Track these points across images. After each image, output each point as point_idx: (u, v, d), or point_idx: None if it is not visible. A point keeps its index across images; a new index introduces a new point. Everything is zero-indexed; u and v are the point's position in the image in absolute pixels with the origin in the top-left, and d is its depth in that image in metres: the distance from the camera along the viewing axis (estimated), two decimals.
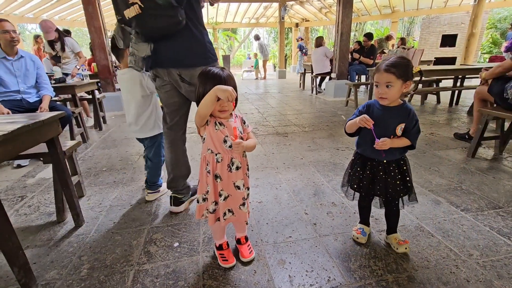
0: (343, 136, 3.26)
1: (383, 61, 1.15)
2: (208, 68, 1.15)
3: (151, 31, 1.42)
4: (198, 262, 1.33)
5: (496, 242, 1.40)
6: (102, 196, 2.01)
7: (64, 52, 3.87)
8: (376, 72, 1.16)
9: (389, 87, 1.13)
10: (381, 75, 1.13)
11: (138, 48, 1.49)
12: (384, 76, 1.12)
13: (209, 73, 1.12)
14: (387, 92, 1.13)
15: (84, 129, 3.32)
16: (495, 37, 13.72)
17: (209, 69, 1.14)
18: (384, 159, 1.24)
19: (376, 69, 1.17)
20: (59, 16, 8.96)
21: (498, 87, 2.45)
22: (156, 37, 1.46)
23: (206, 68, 1.15)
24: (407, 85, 1.14)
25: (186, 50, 1.49)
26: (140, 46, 1.48)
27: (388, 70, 1.11)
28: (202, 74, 1.14)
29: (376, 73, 1.15)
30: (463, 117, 4.02)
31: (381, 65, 1.14)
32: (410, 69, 1.13)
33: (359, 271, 1.25)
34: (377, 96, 1.18)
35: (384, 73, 1.12)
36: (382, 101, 1.18)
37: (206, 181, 1.18)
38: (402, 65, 1.11)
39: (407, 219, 1.61)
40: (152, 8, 1.33)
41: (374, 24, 18.68)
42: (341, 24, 5.46)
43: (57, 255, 1.40)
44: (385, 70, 1.12)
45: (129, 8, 1.33)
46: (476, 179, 2.10)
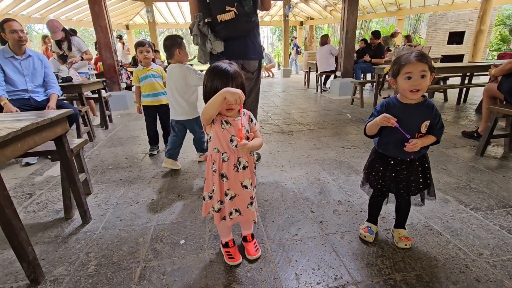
0: (348, 135, 3.24)
1: (406, 54, 1.11)
2: (216, 64, 1.11)
3: (238, 32, 1.91)
4: (204, 259, 1.33)
5: (506, 242, 1.38)
6: (109, 193, 2.03)
7: (70, 52, 3.91)
8: (406, 63, 1.09)
9: (424, 78, 1.09)
10: (414, 65, 1.08)
11: (215, 46, 1.94)
12: (418, 65, 1.07)
13: (217, 68, 1.09)
14: (421, 83, 1.09)
15: (91, 127, 3.35)
16: (503, 34, 13.47)
17: (217, 65, 1.10)
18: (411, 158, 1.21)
19: (403, 61, 1.10)
20: (65, 16, 9.05)
21: (508, 83, 2.41)
22: (235, 37, 1.94)
23: (215, 63, 1.12)
24: (431, 77, 1.11)
25: (249, 48, 2.02)
26: (217, 44, 1.93)
27: (421, 60, 1.07)
28: (211, 69, 1.11)
29: (407, 64, 1.09)
30: (471, 115, 3.96)
31: (409, 57, 1.09)
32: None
33: (367, 269, 1.24)
34: (410, 88, 1.11)
35: (418, 62, 1.07)
36: (414, 95, 1.12)
37: (212, 179, 1.17)
38: (428, 57, 1.09)
39: (415, 218, 1.59)
40: (243, 15, 1.85)
41: (380, 22, 18.49)
42: (346, 22, 5.41)
43: (65, 252, 1.42)
44: (418, 60, 1.07)
45: (225, 13, 1.80)
46: (485, 177, 2.06)
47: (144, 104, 2.68)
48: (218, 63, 1.12)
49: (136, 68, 2.63)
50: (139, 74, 2.59)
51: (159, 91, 2.65)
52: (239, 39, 1.98)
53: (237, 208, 1.20)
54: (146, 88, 2.61)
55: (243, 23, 1.89)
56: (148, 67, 2.60)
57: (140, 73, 2.59)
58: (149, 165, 2.55)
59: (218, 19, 1.85)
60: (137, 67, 2.63)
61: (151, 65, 2.62)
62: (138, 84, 2.62)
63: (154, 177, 2.28)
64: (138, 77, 2.59)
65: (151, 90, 2.61)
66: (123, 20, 11.37)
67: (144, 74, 2.58)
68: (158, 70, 2.65)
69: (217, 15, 1.84)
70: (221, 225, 1.28)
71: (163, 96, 2.68)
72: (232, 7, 1.81)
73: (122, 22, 11.54)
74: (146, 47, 2.53)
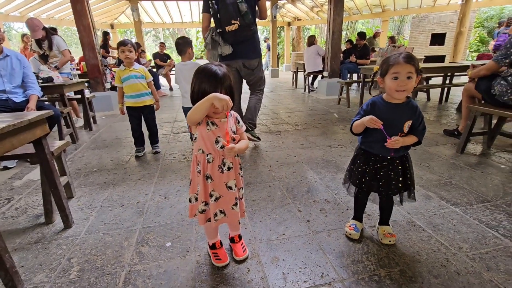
0: (335, 134, 3.28)
1: (395, 55, 1.13)
2: (205, 65, 1.09)
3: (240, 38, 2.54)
4: (191, 261, 1.32)
5: (484, 235, 1.43)
6: (93, 197, 1.97)
7: (51, 51, 3.78)
8: (394, 64, 1.12)
9: (410, 79, 1.12)
10: (401, 66, 1.11)
11: (224, 49, 2.59)
12: (405, 67, 1.10)
13: (206, 70, 1.07)
14: (407, 84, 1.12)
15: (74, 129, 3.25)
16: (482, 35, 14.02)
17: (207, 66, 1.08)
18: (392, 156, 1.24)
19: (392, 61, 1.13)
20: (46, 14, 8.76)
21: (485, 84, 2.50)
22: (238, 42, 2.57)
23: (204, 65, 1.10)
24: (418, 79, 1.14)
25: (250, 49, 2.66)
26: (226, 48, 2.58)
27: (409, 61, 1.10)
28: (199, 71, 1.08)
29: (395, 65, 1.12)
30: (452, 114, 4.09)
31: (398, 58, 1.12)
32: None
33: (352, 266, 1.26)
34: (396, 88, 1.14)
35: (405, 64, 1.10)
36: (400, 95, 1.15)
37: (197, 181, 1.16)
38: (416, 59, 1.12)
39: (399, 214, 1.63)
40: (244, 26, 2.48)
41: (365, 23, 18.86)
42: (332, 23, 5.48)
43: (46, 258, 1.37)
44: (406, 61, 1.10)
45: (232, 25, 2.44)
46: (465, 174, 2.13)
47: (127, 105, 2.62)
48: (207, 64, 1.10)
49: (118, 69, 2.57)
50: (121, 75, 2.53)
51: (143, 92, 2.60)
52: (242, 43, 2.61)
53: (222, 209, 1.18)
54: (129, 89, 2.55)
55: (244, 32, 2.54)
56: (130, 67, 2.54)
57: (122, 73, 2.53)
58: (135, 167, 2.50)
59: (226, 30, 2.50)
60: (119, 67, 2.58)
61: (133, 65, 2.56)
62: (121, 85, 2.56)
63: (140, 179, 2.24)
64: (121, 78, 2.53)
65: (134, 91, 2.56)
66: (108, 19, 11.11)
67: (126, 74, 2.52)
68: (141, 71, 2.59)
69: (226, 27, 2.50)
70: (207, 227, 1.27)
71: (147, 97, 2.64)
72: (236, 20, 2.45)
73: (106, 21, 11.27)
74: (128, 47, 2.48)
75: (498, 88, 2.35)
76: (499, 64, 2.32)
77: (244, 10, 2.43)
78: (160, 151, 2.85)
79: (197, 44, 14.89)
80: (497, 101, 2.38)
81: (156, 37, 24.54)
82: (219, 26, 2.53)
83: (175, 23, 12.65)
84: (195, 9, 11.33)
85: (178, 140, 3.23)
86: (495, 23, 14.04)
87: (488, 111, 2.38)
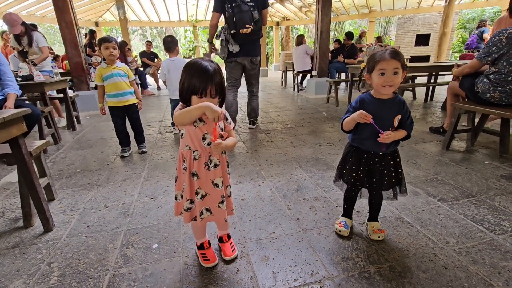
0: (324, 132, 3.29)
1: (381, 51, 1.14)
2: (195, 60, 1.04)
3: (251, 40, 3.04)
4: (178, 263, 1.28)
5: (470, 229, 1.46)
6: (75, 199, 1.90)
7: (31, 48, 3.63)
8: (380, 60, 1.13)
9: (396, 74, 1.12)
10: (387, 62, 1.11)
11: (234, 47, 3.02)
12: (392, 62, 1.11)
13: (197, 65, 1.01)
14: (394, 80, 1.12)
15: (56, 129, 3.13)
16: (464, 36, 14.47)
17: (197, 61, 1.03)
18: (383, 152, 1.24)
19: (378, 58, 1.14)
20: (27, 11, 8.45)
21: (468, 82, 2.56)
22: (248, 42, 3.05)
23: (194, 60, 1.04)
24: (403, 74, 1.15)
25: (256, 49, 3.19)
26: (235, 46, 3.02)
27: (394, 57, 1.10)
28: (190, 65, 1.03)
29: (381, 61, 1.12)
30: (438, 112, 4.19)
31: (384, 54, 1.12)
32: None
33: (342, 263, 1.25)
34: (383, 84, 1.14)
35: (391, 60, 1.10)
36: (387, 90, 1.15)
37: (182, 178, 1.13)
38: (401, 55, 1.13)
39: (387, 211, 1.64)
40: (255, 31, 2.97)
41: (353, 23, 19.14)
42: (320, 23, 5.52)
43: (24, 263, 1.30)
44: (392, 57, 1.11)
45: (246, 28, 2.88)
46: (451, 170, 2.18)
47: (110, 105, 2.53)
48: (197, 59, 1.04)
49: (100, 66, 2.47)
50: (102, 73, 2.43)
51: (126, 91, 2.52)
52: (250, 44, 3.11)
53: (208, 208, 1.15)
54: (111, 88, 2.46)
55: (255, 35, 3.04)
56: (113, 65, 2.46)
57: (104, 71, 2.44)
58: (120, 167, 2.43)
59: (241, 32, 2.93)
60: (100, 65, 2.48)
61: (116, 63, 2.48)
62: (102, 83, 2.46)
63: (126, 180, 2.17)
64: (102, 76, 2.44)
65: (116, 89, 2.47)
66: (92, 16, 10.81)
67: (108, 72, 2.43)
68: (124, 69, 2.51)
69: (240, 29, 2.92)
70: (194, 226, 1.24)
71: (130, 96, 2.56)
72: (250, 25, 2.92)
73: (91, 19, 10.97)
74: (113, 44, 2.39)
75: (481, 86, 2.41)
76: (482, 62, 2.38)
77: (256, 18, 2.95)
78: (146, 151, 2.78)
79: (185, 43, 14.72)
80: (480, 98, 2.45)
81: (143, 35, 24.12)
82: (234, 27, 2.93)
83: (163, 21, 12.46)
84: (183, 8, 11.20)
85: (166, 140, 3.17)
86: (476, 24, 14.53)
87: (471, 109, 2.44)
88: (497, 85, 2.32)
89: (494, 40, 2.25)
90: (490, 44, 2.29)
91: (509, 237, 1.39)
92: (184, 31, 15.03)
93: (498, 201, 1.72)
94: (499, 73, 2.29)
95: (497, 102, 2.37)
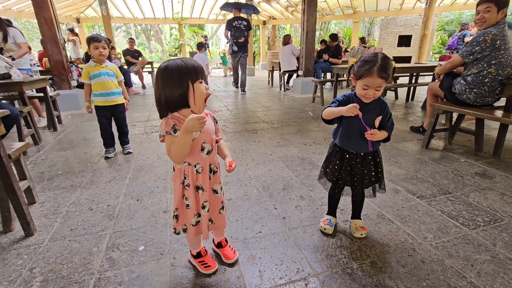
0: (310, 132, 3.35)
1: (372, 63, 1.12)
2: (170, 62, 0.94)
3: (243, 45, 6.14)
4: (165, 264, 1.28)
5: (446, 225, 1.53)
6: (58, 201, 1.85)
7: (6, 43, 3.48)
8: (368, 75, 1.12)
9: (378, 90, 1.16)
10: (374, 80, 1.12)
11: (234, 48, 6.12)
12: (377, 81, 1.12)
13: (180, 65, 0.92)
14: (375, 94, 1.17)
15: (36, 130, 3.03)
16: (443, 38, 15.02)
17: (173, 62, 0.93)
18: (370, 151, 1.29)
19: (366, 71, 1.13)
20: (3, 5, 8.07)
21: (447, 82, 2.68)
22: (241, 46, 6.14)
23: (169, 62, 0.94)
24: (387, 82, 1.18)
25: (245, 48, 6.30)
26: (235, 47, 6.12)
27: (381, 75, 1.11)
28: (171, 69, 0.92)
29: (368, 77, 1.13)
30: (418, 112, 4.34)
31: (372, 69, 1.11)
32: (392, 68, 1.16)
33: (326, 260, 1.29)
34: (364, 96, 1.18)
35: (378, 79, 1.12)
36: (366, 100, 1.20)
37: (184, 195, 1.08)
38: (389, 67, 1.13)
39: (370, 208, 1.70)
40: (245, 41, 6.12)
41: (338, 23, 19.43)
42: (306, 23, 5.58)
43: (4, 269, 1.26)
44: (378, 76, 1.11)
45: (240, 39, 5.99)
46: (430, 168, 2.28)
47: (96, 104, 2.49)
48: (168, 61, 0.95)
49: (87, 64, 2.42)
50: (90, 71, 2.39)
51: (114, 91, 2.47)
52: (243, 47, 6.15)
53: (210, 218, 1.15)
54: (98, 87, 2.42)
55: (245, 42, 6.09)
56: (101, 64, 2.41)
57: (91, 69, 2.39)
58: (105, 168, 2.38)
59: (238, 41, 5.99)
60: (88, 63, 2.43)
61: (105, 63, 2.44)
62: (89, 82, 2.42)
63: (111, 181, 2.14)
64: (89, 74, 2.39)
65: (103, 89, 2.43)
66: (73, 12, 10.46)
67: (96, 71, 2.39)
68: (112, 68, 2.47)
69: (238, 39, 5.96)
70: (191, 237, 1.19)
71: (118, 96, 2.52)
72: (243, 37, 5.97)
73: (72, 15, 10.60)
74: (103, 43, 2.34)
75: (458, 87, 2.53)
76: (464, 60, 2.47)
77: (246, 35, 6.04)
78: (132, 151, 2.74)
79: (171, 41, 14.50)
80: (457, 99, 2.56)
81: (127, 32, 23.54)
82: (235, 38, 5.99)
83: (147, 18, 12.21)
84: (168, 5, 11.00)
85: (152, 140, 3.13)
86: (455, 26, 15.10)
87: (449, 109, 2.55)
88: (473, 87, 2.43)
89: (479, 40, 2.33)
90: (474, 44, 2.36)
91: (482, 231, 1.48)
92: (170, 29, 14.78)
93: (472, 197, 1.81)
94: (478, 74, 2.40)
95: (472, 103, 2.49)
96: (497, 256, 1.29)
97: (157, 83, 0.95)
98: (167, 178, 2.16)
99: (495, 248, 1.35)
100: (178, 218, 1.12)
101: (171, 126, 0.95)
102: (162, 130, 0.96)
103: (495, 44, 2.28)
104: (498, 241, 1.39)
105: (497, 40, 2.27)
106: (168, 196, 1.89)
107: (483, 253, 1.32)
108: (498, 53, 2.30)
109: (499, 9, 2.27)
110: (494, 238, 1.42)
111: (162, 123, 0.97)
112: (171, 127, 0.94)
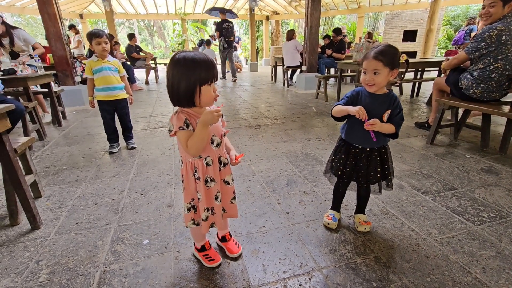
0: (314, 127, 3.33)
1: (372, 49, 1.16)
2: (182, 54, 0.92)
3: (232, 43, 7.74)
4: (169, 258, 1.29)
5: (451, 220, 1.52)
6: (63, 196, 1.87)
7: (14, 46, 3.51)
8: (364, 59, 1.17)
9: (376, 74, 1.15)
10: (369, 62, 1.14)
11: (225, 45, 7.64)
12: (372, 63, 1.13)
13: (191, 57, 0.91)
14: (374, 79, 1.16)
15: (41, 125, 3.05)
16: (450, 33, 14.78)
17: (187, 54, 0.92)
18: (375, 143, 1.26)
19: (364, 56, 1.18)
20: (6, 1, 8.09)
21: (454, 77, 2.64)
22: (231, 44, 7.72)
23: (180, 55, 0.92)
24: (394, 73, 1.16)
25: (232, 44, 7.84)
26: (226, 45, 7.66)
27: (376, 57, 1.12)
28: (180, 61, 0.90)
29: (365, 60, 1.16)
30: (423, 107, 4.30)
31: (370, 53, 1.15)
32: (397, 57, 1.15)
33: (330, 255, 1.29)
34: (364, 82, 1.19)
35: (373, 60, 1.13)
36: (369, 88, 1.20)
37: (195, 188, 1.08)
38: (389, 53, 1.13)
39: (374, 204, 1.69)
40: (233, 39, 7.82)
41: (342, 18, 19.20)
42: (310, 18, 5.52)
43: (11, 262, 1.28)
44: (373, 58, 1.13)
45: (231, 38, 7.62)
46: (434, 164, 2.26)
47: (99, 99, 2.50)
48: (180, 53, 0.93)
49: (90, 59, 2.43)
50: (93, 66, 2.39)
51: (116, 85, 2.48)
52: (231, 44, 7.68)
53: (223, 207, 1.16)
54: (100, 82, 2.42)
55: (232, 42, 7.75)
56: (104, 59, 2.42)
57: (94, 64, 2.39)
58: (109, 163, 2.40)
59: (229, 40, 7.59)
60: (90, 58, 2.44)
61: (107, 58, 2.44)
62: (91, 77, 2.42)
63: (115, 176, 2.15)
64: (92, 69, 2.39)
65: (105, 83, 2.43)
66: (76, 8, 10.46)
67: (98, 66, 2.39)
68: (115, 64, 2.47)
69: (229, 39, 7.57)
70: (196, 230, 1.20)
71: (120, 91, 2.52)
72: (233, 37, 7.69)
73: (75, 11, 10.61)
74: (104, 39, 2.35)
75: (465, 82, 2.49)
76: (469, 56, 2.44)
77: (233, 34, 7.68)
78: (136, 146, 2.75)
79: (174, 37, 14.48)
80: (464, 94, 2.53)
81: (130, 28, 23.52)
82: (226, 37, 7.47)
83: (150, 14, 12.18)
84: (171, 0, 10.96)
85: (155, 136, 3.14)
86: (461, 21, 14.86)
87: (454, 104, 2.52)
88: (480, 82, 2.40)
89: (484, 36, 2.29)
90: (480, 39, 2.33)
91: (487, 227, 1.46)
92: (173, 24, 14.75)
93: (478, 193, 1.80)
94: (484, 69, 2.36)
95: (479, 98, 2.46)
96: (503, 252, 1.28)
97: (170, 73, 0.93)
98: (170, 173, 2.17)
99: (501, 244, 1.34)
100: (196, 209, 1.12)
101: (183, 121, 0.95)
102: (174, 126, 0.95)
103: (501, 40, 2.24)
104: (504, 237, 1.38)
105: (503, 35, 2.23)
106: (172, 191, 1.90)
107: (489, 249, 1.31)
108: (505, 48, 2.26)
109: (505, 4, 2.22)
110: (500, 234, 1.40)
111: (172, 118, 0.97)
112: (183, 122, 0.94)
